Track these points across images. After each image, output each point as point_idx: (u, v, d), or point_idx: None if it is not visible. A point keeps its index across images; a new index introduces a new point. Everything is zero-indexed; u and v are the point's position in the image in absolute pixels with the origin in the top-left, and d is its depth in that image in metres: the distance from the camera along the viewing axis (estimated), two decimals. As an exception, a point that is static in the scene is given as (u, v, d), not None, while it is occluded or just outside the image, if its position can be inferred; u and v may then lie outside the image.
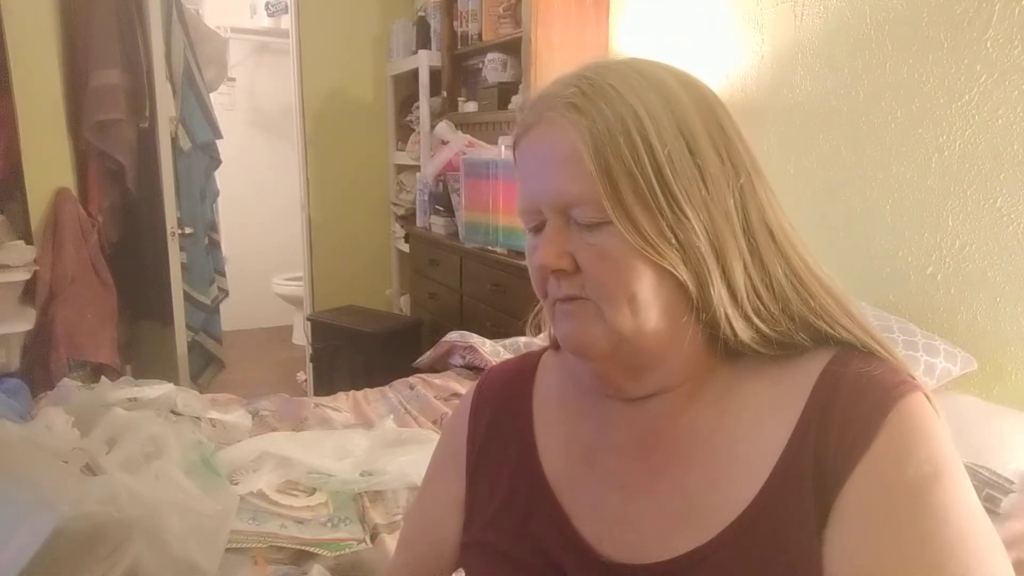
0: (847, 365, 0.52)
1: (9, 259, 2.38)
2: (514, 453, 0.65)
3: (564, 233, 0.54)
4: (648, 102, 0.52)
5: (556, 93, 0.54)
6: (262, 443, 1.52)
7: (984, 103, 1.40)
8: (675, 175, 0.51)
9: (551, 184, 0.53)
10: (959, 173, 1.45)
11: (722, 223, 0.52)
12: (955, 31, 1.43)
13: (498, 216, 2.34)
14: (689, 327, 0.54)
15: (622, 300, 0.52)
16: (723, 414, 0.56)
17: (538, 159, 0.55)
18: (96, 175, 2.81)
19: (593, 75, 0.53)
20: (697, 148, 0.52)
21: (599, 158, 0.50)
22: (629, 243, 0.51)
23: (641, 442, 0.58)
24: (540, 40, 2.40)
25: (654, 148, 0.50)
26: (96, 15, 2.69)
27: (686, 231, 0.51)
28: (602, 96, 0.52)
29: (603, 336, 0.54)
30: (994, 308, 1.41)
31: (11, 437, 1.29)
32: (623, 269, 0.51)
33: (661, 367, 0.56)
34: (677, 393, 0.57)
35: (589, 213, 0.52)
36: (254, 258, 4.63)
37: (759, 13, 1.90)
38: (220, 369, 3.50)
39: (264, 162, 4.71)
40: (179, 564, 1.06)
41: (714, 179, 0.52)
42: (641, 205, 0.50)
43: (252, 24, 4.67)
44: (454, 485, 0.69)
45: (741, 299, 0.53)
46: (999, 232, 1.39)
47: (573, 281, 0.54)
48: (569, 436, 0.63)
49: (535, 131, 0.55)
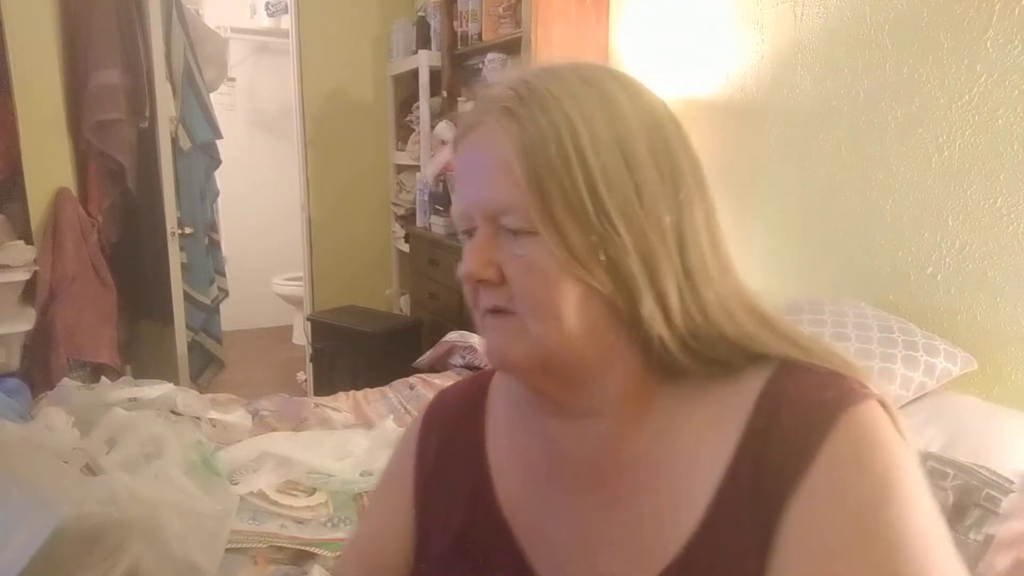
0: (788, 379, 0.50)
1: (9, 259, 2.38)
2: (467, 483, 0.62)
3: (493, 242, 0.52)
4: (587, 112, 0.50)
5: (494, 96, 0.52)
6: (262, 443, 1.52)
7: (984, 103, 1.40)
8: (608, 189, 0.49)
9: (482, 190, 0.52)
10: (959, 173, 1.45)
11: (656, 242, 0.50)
12: (955, 31, 1.43)
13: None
14: (622, 346, 0.52)
15: (548, 314, 0.50)
16: (666, 439, 0.53)
17: (472, 164, 0.53)
18: (96, 175, 2.81)
19: (534, 80, 0.51)
20: (635, 163, 0.50)
21: (529, 167, 0.49)
22: (554, 257, 0.49)
23: (591, 472, 0.56)
24: (540, 40, 2.40)
25: (587, 160, 0.48)
26: (96, 15, 2.69)
27: (616, 248, 0.49)
28: (539, 102, 0.50)
29: (527, 351, 0.52)
30: (994, 308, 1.41)
31: (11, 437, 1.29)
32: (549, 282, 0.49)
33: (596, 384, 0.54)
34: (621, 416, 0.55)
35: (517, 222, 0.50)
36: (254, 258, 4.63)
37: (759, 13, 1.90)
38: (220, 369, 3.50)
39: (264, 162, 4.71)
40: (179, 564, 1.06)
41: (651, 196, 0.50)
42: (571, 218, 0.48)
43: (252, 24, 4.67)
44: (402, 513, 0.66)
45: (675, 321, 0.50)
46: (999, 232, 1.39)
47: (500, 292, 0.52)
48: (522, 464, 0.60)
49: (472, 135, 0.53)
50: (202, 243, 3.28)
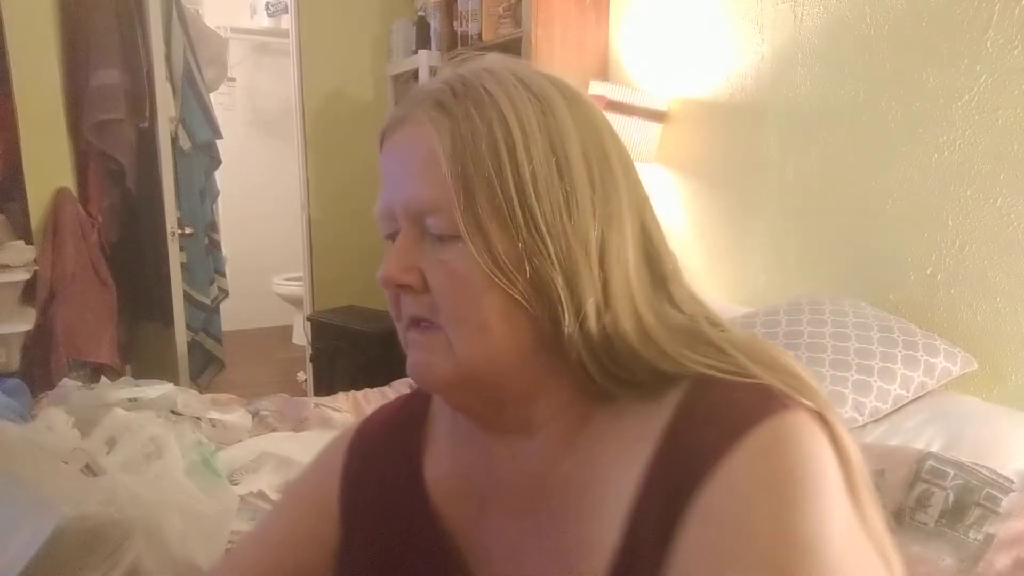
0: (704, 393, 0.46)
1: (9, 259, 2.38)
2: (400, 506, 0.58)
3: (417, 246, 0.49)
4: (522, 112, 0.47)
5: (426, 90, 0.50)
6: (262, 443, 1.52)
7: (984, 103, 1.40)
8: (537, 195, 0.46)
9: (406, 188, 0.49)
10: (959, 173, 1.45)
11: (579, 256, 0.46)
12: (955, 31, 1.43)
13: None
14: (551, 365, 0.49)
15: (471, 326, 0.47)
16: (590, 461, 0.50)
17: (397, 160, 0.50)
18: (96, 175, 2.81)
19: (470, 75, 0.49)
20: (567, 170, 0.47)
21: (456, 164, 0.46)
22: (480, 263, 0.46)
23: (524, 495, 0.53)
24: (540, 40, 2.40)
25: (519, 162, 0.46)
26: (96, 15, 2.69)
27: (541, 258, 0.46)
28: (472, 98, 0.47)
29: (451, 369, 0.48)
30: (994, 308, 1.41)
31: (11, 437, 1.29)
32: (473, 292, 0.46)
33: (524, 405, 0.51)
34: (552, 438, 0.52)
35: (442, 224, 0.47)
36: (254, 258, 4.63)
37: (759, 13, 1.90)
38: (220, 369, 3.50)
39: (264, 162, 4.71)
40: (179, 564, 1.06)
41: (580, 207, 0.47)
42: (497, 223, 0.46)
43: (252, 24, 4.67)
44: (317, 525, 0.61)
45: (593, 342, 0.47)
46: (999, 232, 1.39)
47: (421, 301, 0.49)
48: (461, 486, 0.57)
49: (400, 130, 0.50)
50: (202, 243, 3.28)
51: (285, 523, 0.63)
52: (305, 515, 0.63)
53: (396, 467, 0.60)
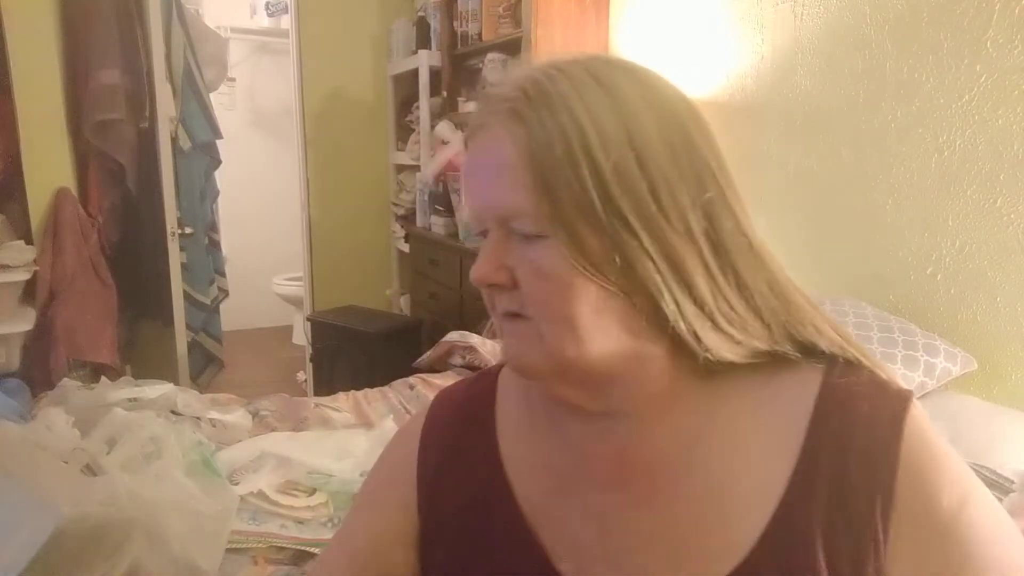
0: (842, 384, 0.51)
1: (9, 259, 2.38)
2: (479, 487, 0.60)
3: (505, 245, 0.51)
4: (596, 111, 0.48)
5: (501, 96, 0.51)
6: (262, 443, 1.52)
7: (984, 103, 1.40)
8: (621, 190, 0.47)
9: (489, 194, 0.51)
10: (959, 173, 1.45)
11: (677, 239, 0.48)
12: (955, 31, 1.43)
13: (498, 216, 2.33)
14: (646, 347, 0.51)
15: (561, 322, 0.49)
16: (700, 441, 0.52)
17: (479, 167, 0.52)
18: (96, 175, 2.81)
19: (542, 78, 0.50)
20: (649, 161, 0.48)
21: (536, 171, 0.48)
22: (569, 260, 0.47)
23: (615, 470, 0.55)
24: (540, 40, 2.40)
25: (597, 161, 0.47)
26: (96, 15, 2.69)
27: (632, 249, 0.47)
28: (545, 103, 0.48)
29: (543, 358, 0.50)
30: (994, 308, 1.41)
31: (11, 437, 1.29)
32: (561, 288, 0.48)
33: (619, 387, 0.53)
34: (646, 416, 0.54)
35: (528, 226, 0.49)
36: (254, 258, 4.63)
37: (759, 13, 1.90)
38: (220, 369, 3.50)
39: (264, 162, 4.71)
40: (179, 564, 1.06)
41: (670, 193, 0.48)
42: (582, 220, 0.47)
43: (252, 24, 4.67)
44: (397, 521, 0.62)
45: (709, 310, 0.49)
46: (999, 232, 1.39)
47: (512, 297, 0.51)
48: (540, 463, 0.59)
49: (478, 136, 0.52)
50: (202, 243, 3.28)
51: (367, 527, 0.63)
52: (385, 514, 0.63)
53: (472, 450, 0.61)
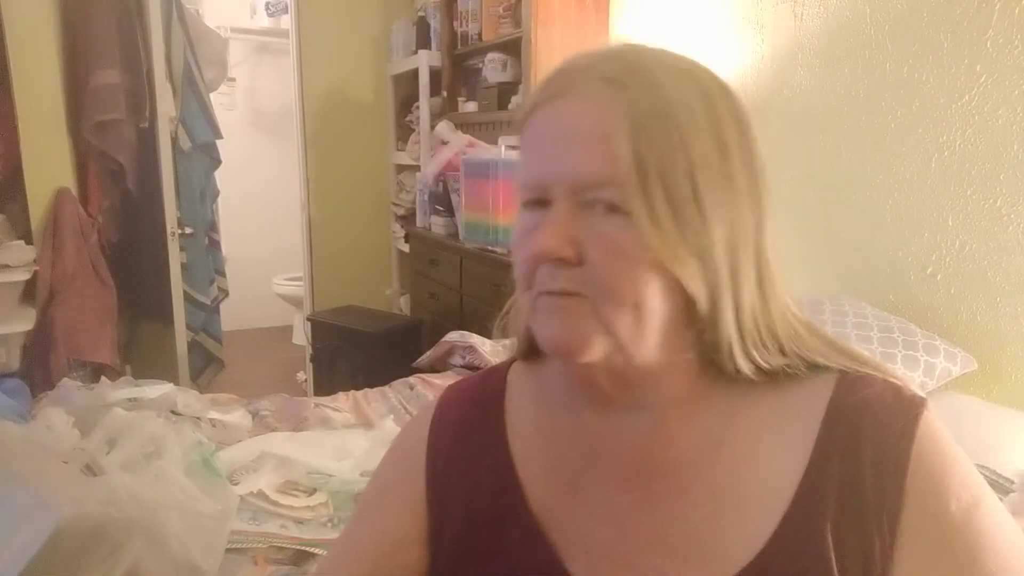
0: (853, 392, 0.51)
1: (9, 259, 2.38)
2: (489, 485, 0.58)
3: (574, 218, 0.48)
4: (688, 96, 0.47)
5: (592, 66, 0.49)
6: (262, 443, 1.52)
7: (984, 103, 1.40)
8: (705, 180, 0.47)
9: (572, 161, 0.48)
10: (959, 173, 1.45)
11: (740, 242, 0.48)
12: (955, 31, 1.43)
13: (498, 216, 2.34)
14: (684, 345, 0.50)
15: (626, 304, 0.47)
16: (721, 444, 0.52)
17: (560, 133, 0.49)
18: (96, 175, 2.81)
19: (634, 56, 0.49)
20: (728, 158, 0.48)
21: (635, 140, 0.46)
22: (645, 241, 0.46)
23: (633, 469, 0.54)
24: (540, 40, 2.40)
25: (690, 145, 0.46)
26: (96, 15, 2.69)
27: (708, 241, 0.47)
28: (645, 77, 0.47)
29: (597, 341, 0.48)
30: (994, 308, 1.41)
31: (11, 437, 1.29)
32: (635, 269, 0.46)
33: (653, 383, 0.52)
34: (667, 414, 0.53)
35: (608, 198, 0.46)
36: (254, 258, 4.63)
37: (759, 13, 1.90)
38: (220, 369, 3.50)
39: (264, 162, 4.71)
40: (179, 564, 1.06)
41: (740, 194, 0.48)
42: (667, 203, 0.46)
43: (252, 24, 4.67)
44: (408, 518, 0.60)
45: (746, 328, 0.49)
46: (999, 232, 1.39)
47: (572, 274, 0.48)
48: (552, 461, 0.57)
49: (561, 102, 0.49)
50: (202, 243, 3.28)
51: (377, 526, 0.61)
52: (396, 512, 0.61)
53: (482, 448, 0.60)
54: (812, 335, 0.53)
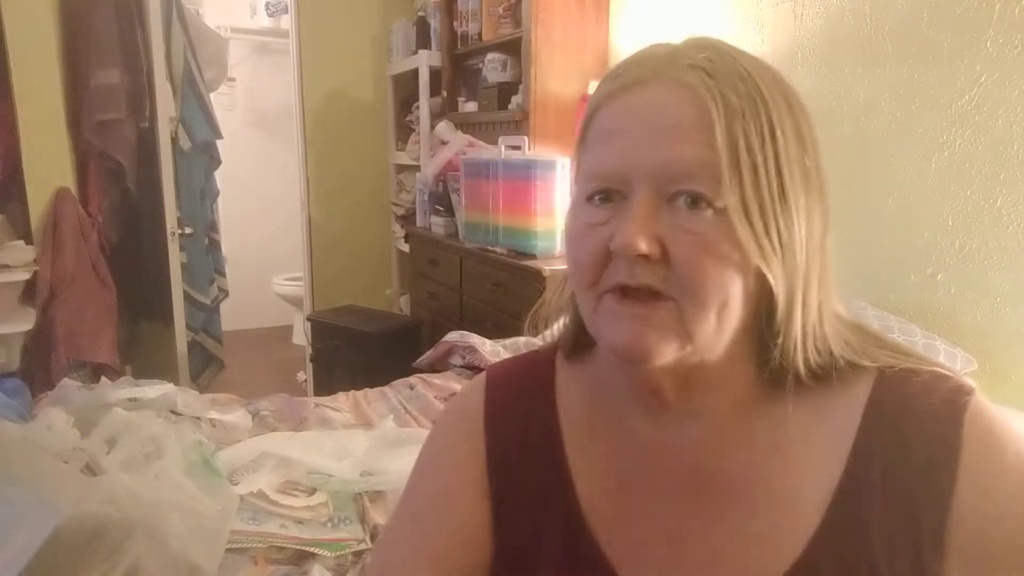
0: (894, 388, 0.49)
1: (9, 259, 2.38)
2: (543, 480, 0.56)
3: (657, 212, 0.45)
4: (772, 92, 0.46)
5: (677, 53, 0.48)
6: (262, 443, 1.52)
7: (984, 103, 1.40)
8: (791, 175, 0.45)
9: (661, 150, 0.45)
10: (959, 173, 1.45)
11: (814, 242, 0.47)
12: (955, 31, 1.43)
13: (498, 216, 2.34)
14: (752, 349, 0.49)
15: (712, 304, 0.45)
16: (773, 449, 0.50)
17: (648, 120, 0.46)
18: (96, 175, 2.81)
19: (715, 45, 0.48)
20: (808, 153, 0.47)
21: (730, 130, 0.44)
22: (735, 237, 0.44)
23: (687, 480, 0.52)
24: (540, 40, 2.40)
25: (777, 139, 0.45)
26: (96, 15, 2.69)
27: (792, 240, 0.46)
28: (733, 68, 0.46)
29: (675, 345, 0.46)
30: (994, 308, 1.41)
31: (11, 437, 1.29)
32: (724, 267, 0.44)
33: (716, 389, 0.51)
34: (723, 423, 0.51)
35: (698, 191, 0.44)
36: (254, 258, 4.63)
37: (759, 13, 1.90)
38: (220, 369, 3.50)
39: (264, 162, 4.71)
40: (179, 564, 1.06)
41: (814, 192, 0.47)
42: (756, 196, 0.44)
43: (252, 24, 4.67)
44: (478, 511, 0.57)
45: (809, 330, 0.48)
46: (999, 232, 1.39)
47: (654, 271, 0.45)
48: (604, 466, 0.55)
49: (645, 90, 0.47)
50: (202, 243, 3.28)
51: (446, 522, 0.57)
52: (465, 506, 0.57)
53: (537, 442, 0.58)
54: (856, 333, 0.52)
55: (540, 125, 2.46)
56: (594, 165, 0.48)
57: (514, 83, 2.65)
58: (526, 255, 2.23)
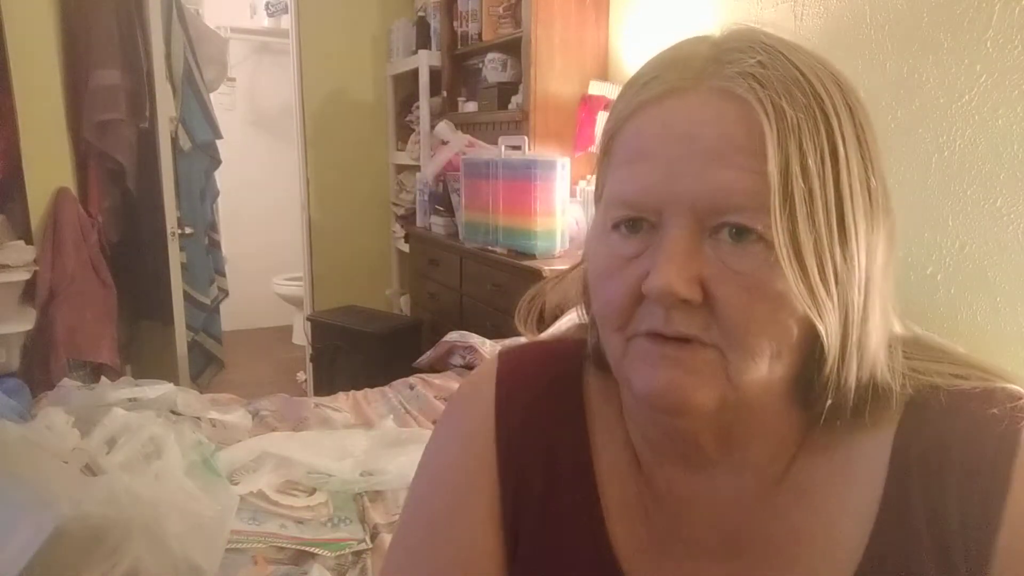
0: (930, 404, 0.43)
1: (9, 259, 2.38)
2: (571, 517, 0.49)
3: (698, 249, 0.39)
4: (833, 97, 0.38)
5: (725, 55, 0.40)
6: (262, 443, 1.52)
7: (984, 103, 1.40)
8: (852, 200, 0.38)
9: (701, 177, 0.38)
10: (959, 173, 1.45)
11: (874, 274, 0.40)
12: (955, 31, 1.43)
13: (498, 216, 2.34)
14: (786, 401, 0.43)
15: (763, 353, 0.39)
16: (804, 497, 0.45)
17: (687, 139, 0.39)
18: (96, 175, 2.81)
19: (770, 42, 0.41)
20: (872, 171, 0.40)
21: (783, 153, 0.37)
22: (790, 277, 0.37)
23: (727, 537, 0.46)
24: (540, 40, 2.40)
25: (839, 159, 0.38)
26: (96, 15, 2.69)
27: (849, 275, 0.39)
28: (788, 73, 0.38)
29: (717, 395, 0.40)
30: (994, 308, 1.41)
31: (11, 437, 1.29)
32: (778, 312, 0.38)
33: (758, 438, 0.45)
34: (766, 474, 0.46)
35: (745, 224, 0.38)
36: (254, 258, 4.63)
37: (759, 13, 1.90)
38: (220, 369, 3.50)
39: (264, 162, 4.71)
40: (179, 564, 1.06)
41: (880, 213, 0.40)
42: (810, 233, 0.37)
43: (252, 24, 4.67)
44: (480, 548, 0.50)
45: (868, 366, 0.42)
46: (999, 232, 1.39)
47: (694, 317, 0.39)
48: (637, 507, 0.48)
49: (686, 100, 0.40)
50: (202, 243, 3.29)
51: (457, 542, 0.50)
52: (475, 522, 0.50)
53: (566, 466, 0.51)
54: (915, 348, 0.46)
55: (540, 125, 2.46)
56: (621, 190, 0.41)
57: (514, 83, 2.65)
58: (526, 255, 2.22)
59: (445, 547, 0.50)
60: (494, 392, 0.53)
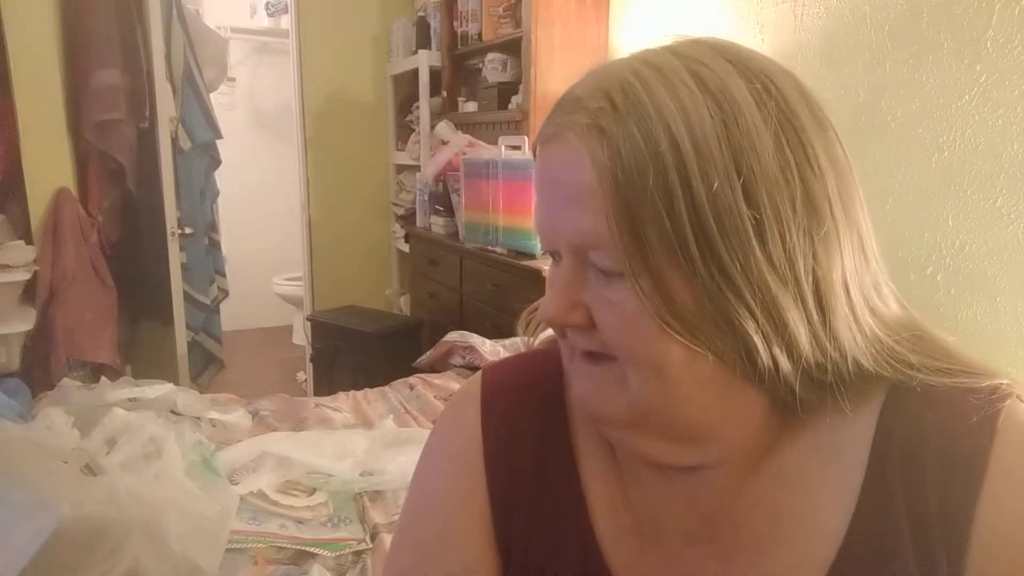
0: (911, 394, 0.45)
1: (9, 259, 2.38)
2: (558, 516, 0.51)
3: (580, 279, 0.43)
4: (696, 126, 0.39)
5: (581, 103, 0.42)
6: (262, 443, 1.52)
7: (984, 103, 1.40)
8: (720, 229, 0.39)
9: (563, 217, 0.43)
10: (959, 173, 1.45)
11: (781, 290, 0.40)
12: (955, 31, 1.43)
13: (498, 216, 2.34)
14: (743, 393, 0.44)
15: (648, 369, 0.42)
16: (791, 480, 0.47)
17: (552, 183, 0.44)
18: (96, 175, 2.81)
19: (634, 81, 0.41)
20: (758, 191, 0.39)
21: (620, 200, 0.39)
22: (653, 312, 0.40)
23: (706, 522, 0.49)
24: (540, 40, 2.40)
25: (694, 191, 0.38)
26: (96, 15, 2.69)
27: (725, 300, 0.39)
28: (635, 113, 0.40)
29: (624, 406, 0.44)
30: (994, 308, 1.41)
31: (11, 437, 1.29)
32: (646, 336, 0.41)
33: (713, 439, 0.46)
34: (738, 467, 0.47)
35: (606, 261, 0.41)
36: (254, 258, 4.63)
37: (759, 13, 1.90)
38: (220, 369, 3.51)
39: (264, 162, 4.71)
40: (179, 564, 1.06)
41: (779, 232, 0.40)
42: (670, 262, 0.39)
43: (252, 24, 4.67)
44: (475, 557, 0.52)
45: (808, 365, 0.42)
46: (999, 232, 1.39)
47: (591, 337, 0.44)
48: (621, 501, 0.51)
49: (552, 147, 0.44)
50: (202, 243, 3.29)
51: (452, 564, 0.52)
52: (469, 542, 0.52)
53: (547, 456, 0.53)
54: (906, 342, 0.47)
55: (540, 125, 2.46)
56: (535, 224, 0.47)
57: (514, 83, 2.65)
58: (526, 255, 2.23)
59: (441, 568, 0.52)
60: (479, 410, 0.55)
